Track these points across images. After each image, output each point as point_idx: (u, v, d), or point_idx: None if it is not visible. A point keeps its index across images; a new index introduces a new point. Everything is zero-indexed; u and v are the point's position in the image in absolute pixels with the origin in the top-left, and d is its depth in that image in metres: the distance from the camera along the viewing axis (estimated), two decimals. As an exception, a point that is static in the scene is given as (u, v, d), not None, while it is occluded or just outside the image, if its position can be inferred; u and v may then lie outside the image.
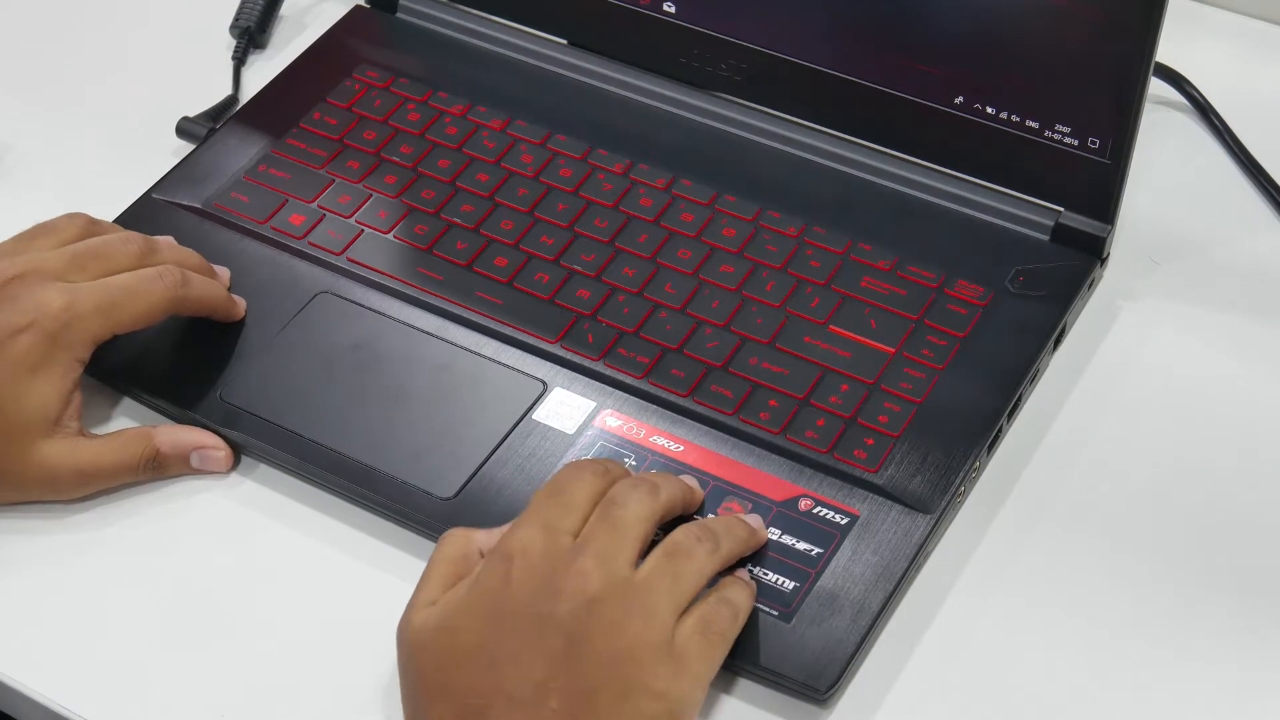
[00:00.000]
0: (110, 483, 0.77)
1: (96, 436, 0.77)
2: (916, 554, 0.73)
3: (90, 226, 0.80)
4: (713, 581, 0.69)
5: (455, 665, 0.65)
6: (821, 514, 0.74)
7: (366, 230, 0.86)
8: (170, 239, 0.82)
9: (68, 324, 0.75)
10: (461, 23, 0.96)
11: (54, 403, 0.75)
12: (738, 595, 0.69)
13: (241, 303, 0.82)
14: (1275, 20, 0.99)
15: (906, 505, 0.74)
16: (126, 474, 0.77)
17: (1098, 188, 0.82)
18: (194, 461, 0.78)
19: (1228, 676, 0.71)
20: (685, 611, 0.66)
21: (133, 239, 0.79)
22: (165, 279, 0.77)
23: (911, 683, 0.71)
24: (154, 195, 0.88)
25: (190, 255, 0.81)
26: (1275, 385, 0.81)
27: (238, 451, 0.79)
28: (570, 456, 0.76)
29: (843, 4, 0.85)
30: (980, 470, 0.77)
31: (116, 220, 0.87)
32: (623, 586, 0.65)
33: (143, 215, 0.87)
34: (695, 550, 0.68)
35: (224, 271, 0.83)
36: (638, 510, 0.68)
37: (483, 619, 0.65)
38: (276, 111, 0.92)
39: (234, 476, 0.79)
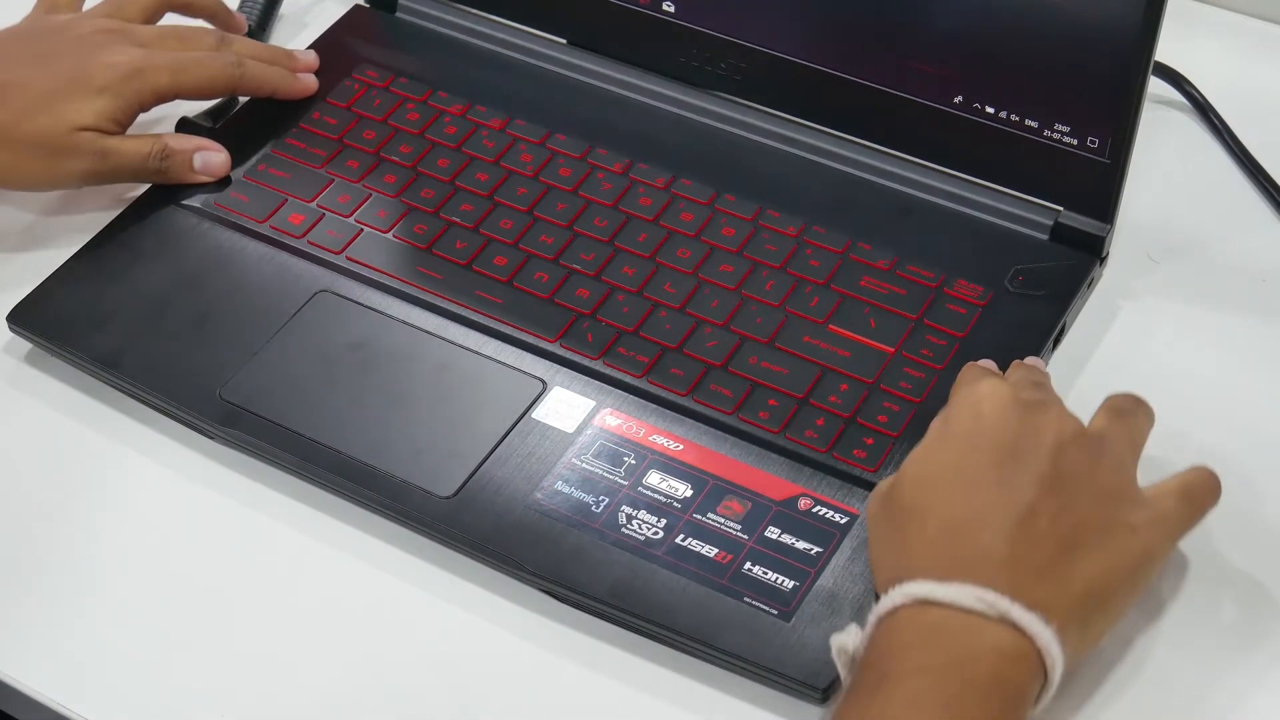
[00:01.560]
0: (124, 169, 0.85)
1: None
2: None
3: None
4: None
5: (936, 486, 0.67)
6: (821, 513, 0.74)
7: (366, 229, 0.86)
8: (247, 38, 0.93)
9: (142, 70, 0.86)
10: (461, 22, 0.96)
11: (105, 117, 0.84)
12: (1206, 479, 0.71)
13: (308, 81, 0.91)
14: (1275, 20, 0.99)
15: (906, 504, 0.74)
16: (139, 160, 0.86)
17: (1097, 187, 0.82)
18: (196, 163, 0.87)
19: (1228, 675, 0.71)
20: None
21: (211, 31, 0.91)
22: (226, 59, 0.89)
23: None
24: (154, 194, 0.88)
25: (262, 48, 0.92)
26: (1275, 384, 0.81)
27: (237, 451, 0.79)
28: (570, 456, 0.76)
29: (842, 4, 0.85)
30: (980, 469, 0.77)
31: (118, 219, 0.87)
32: (1087, 436, 0.68)
33: (143, 213, 0.87)
34: (1137, 411, 0.72)
35: (308, 55, 0.93)
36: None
37: (961, 449, 0.67)
38: (276, 111, 0.92)
39: (234, 475, 0.79)
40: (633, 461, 0.76)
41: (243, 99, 0.94)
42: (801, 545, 0.73)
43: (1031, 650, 0.62)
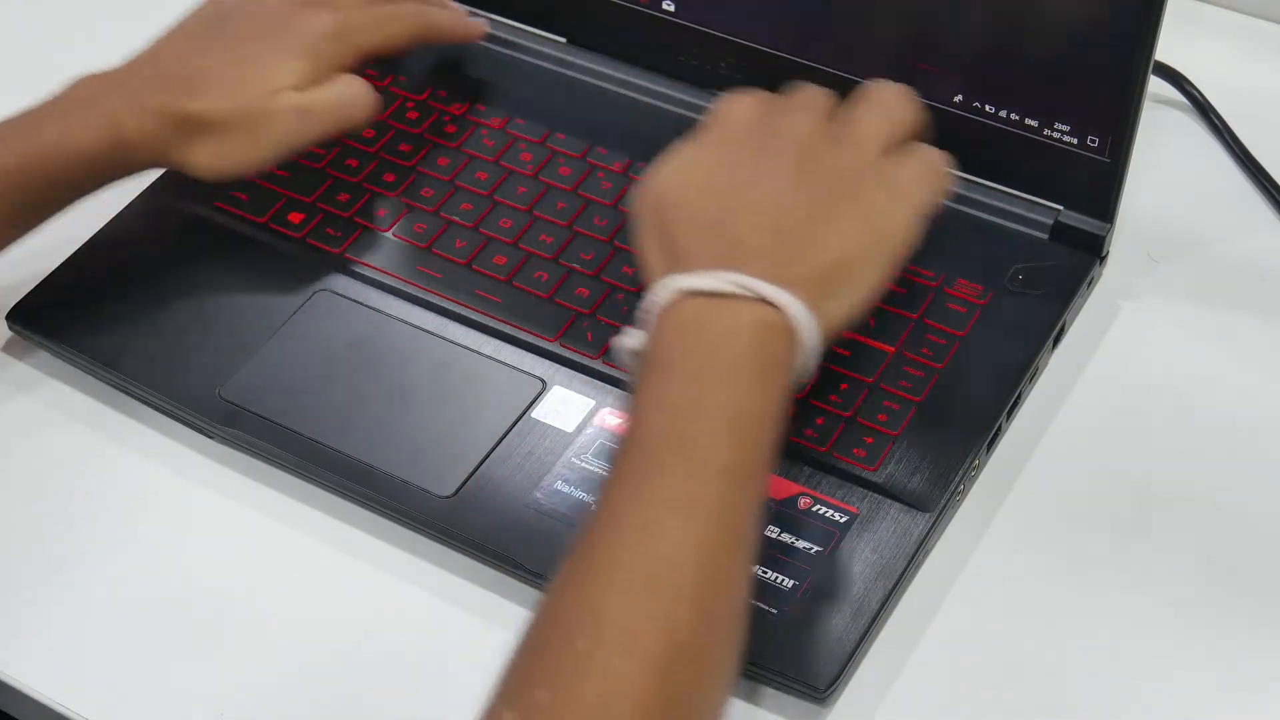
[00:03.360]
0: (317, 126, 0.82)
1: None
2: (916, 552, 0.73)
3: None
4: None
5: (691, 187, 0.72)
6: (821, 512, 0.74)
7: (365, 228, 0.86)
8: None
9: (343, 31, 0.83)
10: (461, 21, 0.96)
11: (305, 79, 0.82)
12: (938, 160, 0.76)
13: (476, 25, 0.92)
14: (1275, 19, 0.99)
15: (906, 504, 0.74)
16: (335, 110, 0.82)
17: (1097, 186, 0.82)
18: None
19: (1230, 675, 0.71)
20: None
21: None
22: (413, 9, 0.88)
23: (911, 681, 0.71)
24: (154, 193, 0.88)
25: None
26: (1275, 384, 0.81)
27: (237, 450, 0.79)
28: (570, 455, 0.76)
29: (842, 3, 0.85)
30: (979, 469, 0.77)
31: (118, 218, 0.87)
32: (831, 125, 0.74)
33: (143, 213, 0.87)
34: (890, 101, 0.76)
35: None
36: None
37: (715, 152, 0.74)
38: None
39: (233, 475, 0.79)
40: (632, 461, 0.76)
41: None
42: (801, 544, 0.73)
43: (784, 321, 0.67)
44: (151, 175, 0.89)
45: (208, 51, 0.82)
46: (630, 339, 0.70)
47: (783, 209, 0.71)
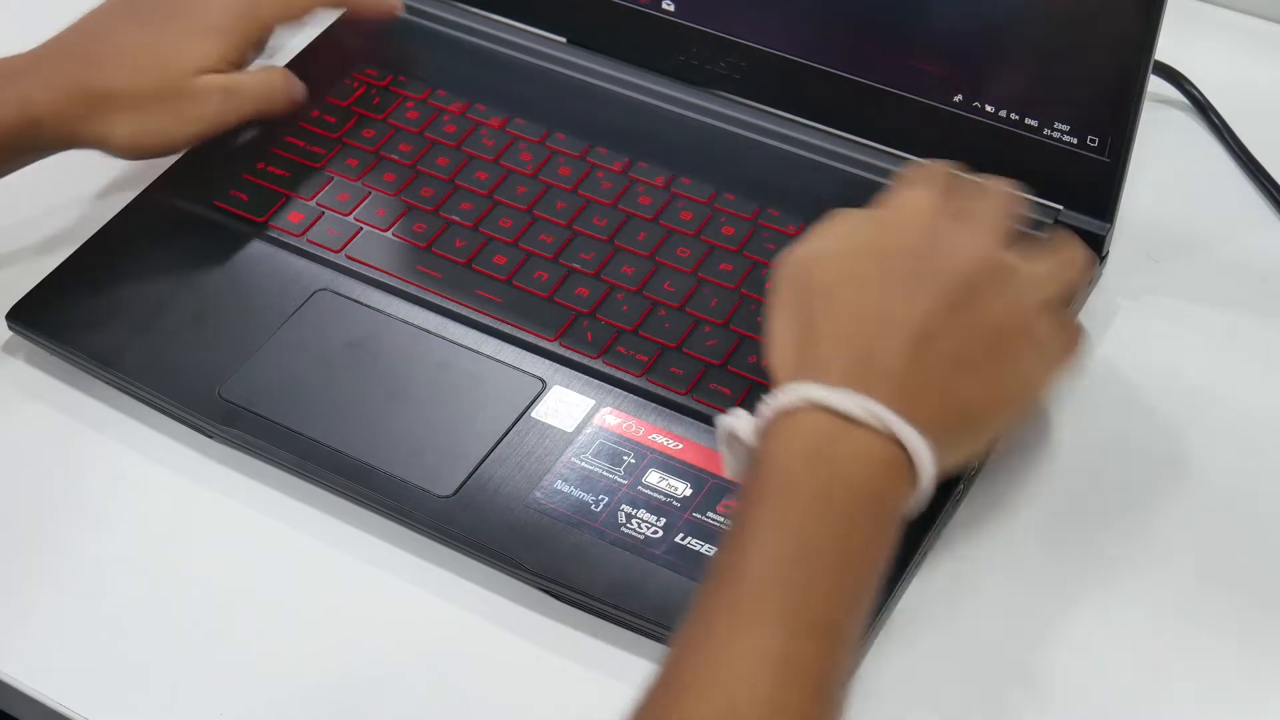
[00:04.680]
0: (243, 105, 0.85)
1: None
2: (916, 553, 0.73)
3: None
4: None
5: (848, 281, 0.68)
6: (820, 512, 0.74)
7: (365, 228, 0.86)
8: None
9: (253, 4, 0.86)
10: (460, 20, 0.96)
11: (221, 59, 0.84)
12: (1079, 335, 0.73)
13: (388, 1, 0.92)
14: (1275, 19, 0.99)
15: (905, 503, 0.74)
16: (261, 91, 0.86)
17: (1097, 186, 0.82)
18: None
19: (1229, 675, 0.71)
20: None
21: None
22: None
23: (911, 682, 0.71)
24: (153, 193, 0.88)
25: None
26: (1275, 384, 0.81)
27: (237, 450, 0.79)
28: (569, 455, 0.76)
29: (842, 2, 0.85)
30: (979, 469, 0.77)
31: (118, 217, 0.87)
32: (1001, 266, 0.69)
33: (143, 213, 0.87)
34: (1065, 259, 0.73)
35: None
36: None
37: (878, 249, 0.69)
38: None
39: (233, 475, 0.79)
40: (632, 460, 0.76)
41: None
42: (801, 544, 0.73)
43: (907, 463, 0.64)
44: (151, 174, 0.89)
45: (121, 31, 0.84)
46: (739, 424, 0.66)
47: (933, 342, 0.66)
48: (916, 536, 0.73)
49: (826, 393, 0.64)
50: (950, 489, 0.74)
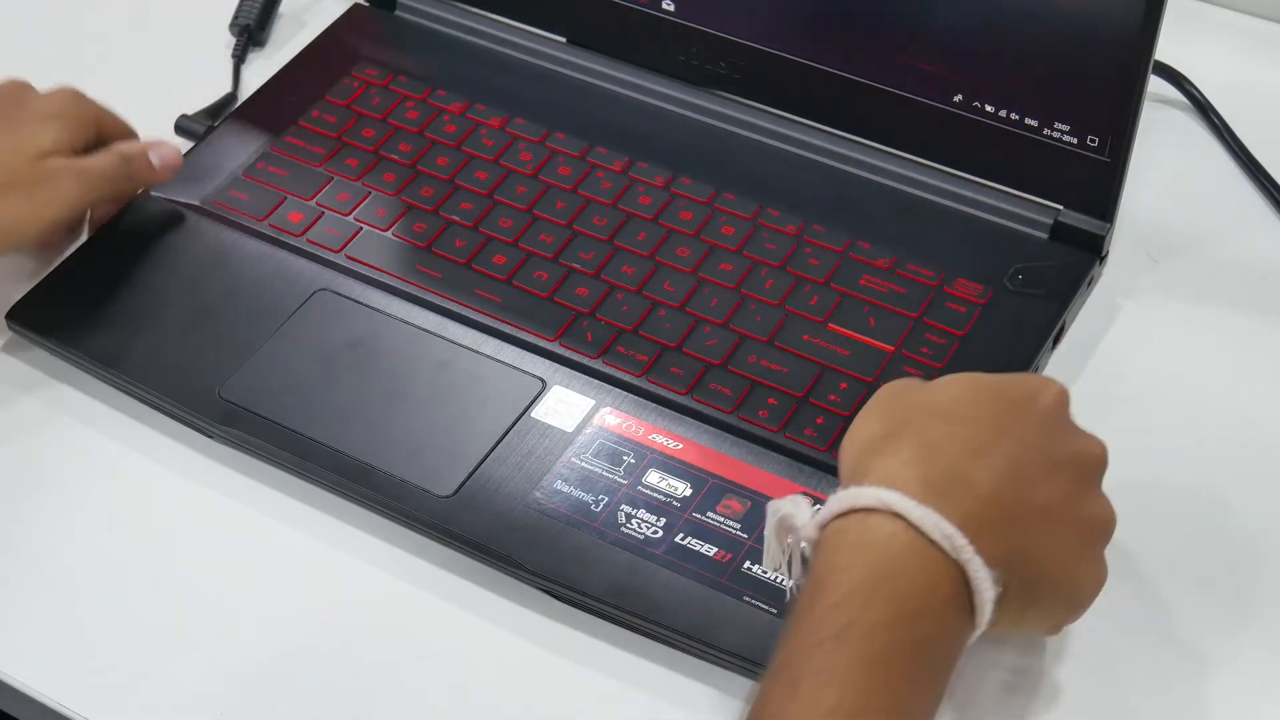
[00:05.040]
0: (101, 184, 0.83)
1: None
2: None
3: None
4: None
5: (967, 409, 0.66)
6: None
7: (365, 228, 0.86)
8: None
9: (79, 93, 0.86)
10: (460, 20, 0.96)
11: (64, 143, 0.83)
12: None
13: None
14: (1275, 19, 0.99)
15: (905, 503, 0.74)
16: (111, 170, 0.84)
17: (1097, 186, 0.82)
18: (155, 161, 0.86)
19: (1228, 675, 0.71)
20: None
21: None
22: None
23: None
24: (153, 193, 0.88)
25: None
26: (1275, 383, 0.81)
27: (237, 450, 0.79)
28: (569, 455, 0.76)
29: (842, 2, 0.85)
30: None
31: (118, 218, 0.87)
32: (1108, 506, 0.68)
33: (142, 213, 0.87)
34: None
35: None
36: None
37: (1009, 403, 0.66)
38: (275, 109, 0.92)
39: (233, 475, 0.79)
40: (632, 460, 0.76)
41: (242, 97, 0.95)
42: (803, 545, 0.73)
43: (968, 605, 0.62)
44: (151, 175, 0.89)
45: None
46: (795, 510, 0.65)
47: (1031, 488, 0.64)
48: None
49: (908, 505, 0.62)
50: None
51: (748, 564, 0.72)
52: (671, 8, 0.90)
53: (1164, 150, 0.91)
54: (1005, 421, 0.66)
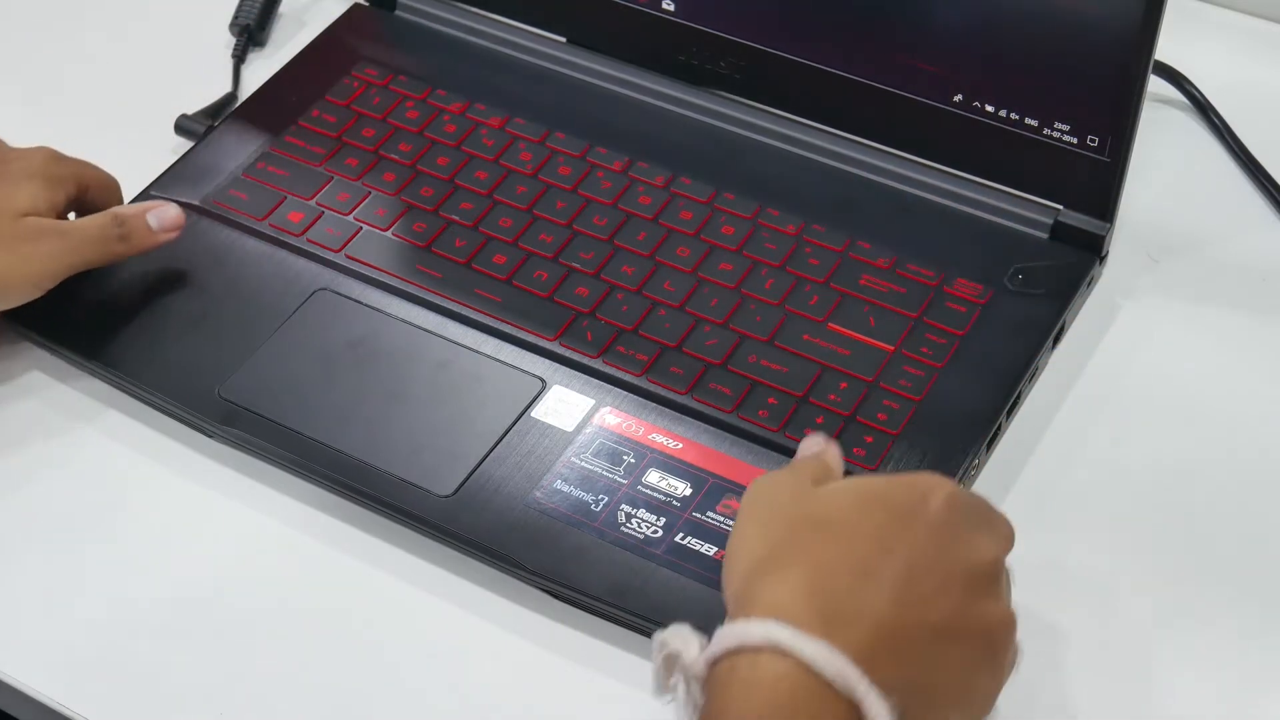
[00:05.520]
0: (87, 245, 0.81)
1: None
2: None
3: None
4: None
5: (848, 524, 0.63)
6: (820, 512, 0.74)
7: (365, 228, 0.86)
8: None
9: (57, 155, 0.83)
10: (460, 20, 0.96)
11: (43, 201, 0.81)
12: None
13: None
14: (1275, 19, 0.99)
15: (905, 503, 0.74)
16: (98, 233, 0.81)
17: (1097, 186, 0.82)
18: (153, 223, 0.83)
19: (1228, 675, 0.71)
20: None
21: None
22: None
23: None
24: (153, 193, 0.88)
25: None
26: (1274, 383, 0.81)
27: (237, 449, 0.79)
28: (569, 454, 0.76)
29: (842, 2, 0.85)
30: (979, 468, 0.77)
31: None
32: (1005, 599, 0.65)
33: (141, 213, 0.87)
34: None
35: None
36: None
37: (892, 512, 0.63)
38: (275, 109, 0.92)
39: (233, 474, 0.79)
40: (632, 460, 0.76)
41: (242, 97, 0.95)
42: (801, 544, 0.73)
43: None
44: (151, 173, 0.89)
45: None
46: (681, 643, 0.62)
47: (923, 606, 0.62)
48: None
49: (798, 641, 0.59)
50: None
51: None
52: (671, 8, 0.90)
53: (1164, 150, 0.91)
54: (894, 535, 0.63)
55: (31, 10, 1.03)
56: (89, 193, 0.84)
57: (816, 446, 0.70)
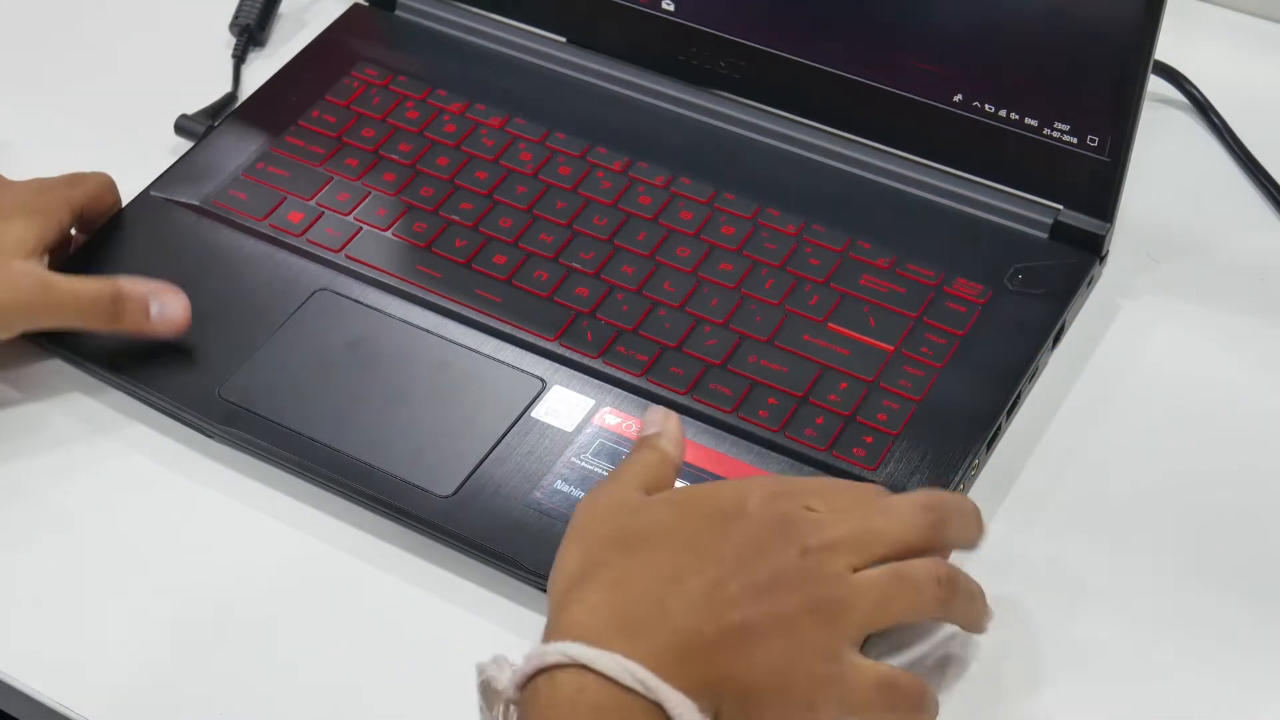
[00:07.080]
0: (69, 307, 0.78)
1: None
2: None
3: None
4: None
5: (662, 543, 0.64)
6: (820, 512, 0.74)
7: (365, 228, 0.86)
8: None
9: (48, 187, 0.82)
10: (460, 20, 0.96)
11: (32, 236, 0.79)
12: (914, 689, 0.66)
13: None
14: (1275, 19, 0.99)
15: (905, 503, 0.74)
16: (88, 301, 0.78)
17: (1097, 185, 0.82)
18: (153, 312, 0.79)
19: (1228, 676, 0.71)
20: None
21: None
22: None
23: (910, 681, 0.71)
24: (153, 193, 0.88)
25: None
26: (1274, 383, 0.81)
27: (237, 450, 0.79)
28: (569, 454, 0.76)
29: (842, 2, 0.85)
30: (979, 468, 0.77)
31: (117, 217, 0.87)
32: (833, 579, 0.64)
33: (141, 213, 0.87)
34: (925, 588, 0.65)
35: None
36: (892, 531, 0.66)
37: (708, 519, 0.65)
38: (275, 109, 0.92)
39: (233, 475, 0.79)
40: (632, 460, 0.76)
41: (242, 97, 0.95)
42: (801, 544, 0.73)
43: None
44: (151, 173, 0.89)
45: None
46: (498, 672, 0.63)
47: (726, 609, 0.62)
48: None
49: (592, 655, 0.60)
50: (950, 488, 0.74)
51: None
52: (671, 7, 0.90)
53: (1164, 150, 0.91)
54: (705, 539, 0.64)
55: (32, 10, 1.03)
56: (84, 214, 0.83)
57: (655, 426, 0.71)
